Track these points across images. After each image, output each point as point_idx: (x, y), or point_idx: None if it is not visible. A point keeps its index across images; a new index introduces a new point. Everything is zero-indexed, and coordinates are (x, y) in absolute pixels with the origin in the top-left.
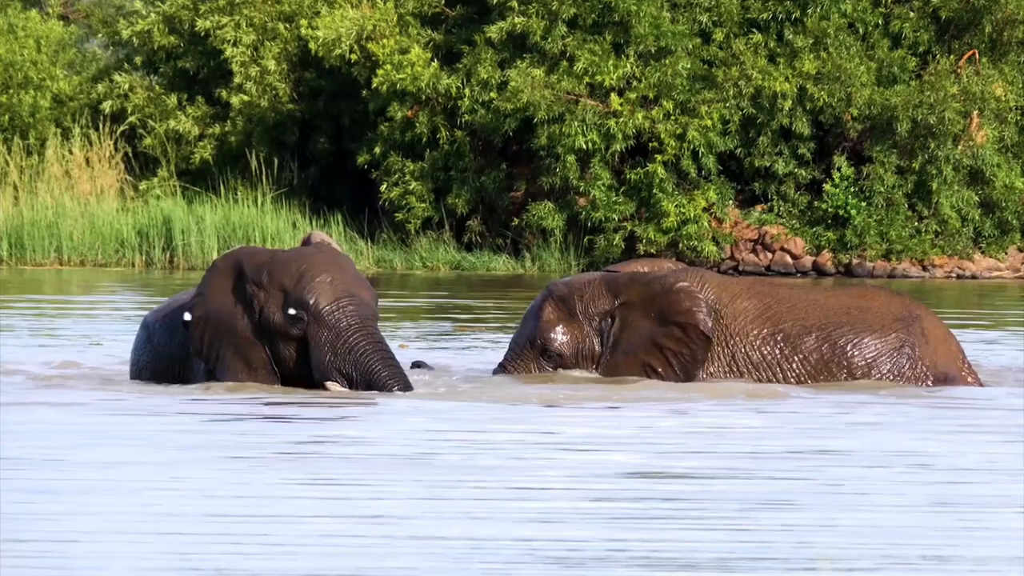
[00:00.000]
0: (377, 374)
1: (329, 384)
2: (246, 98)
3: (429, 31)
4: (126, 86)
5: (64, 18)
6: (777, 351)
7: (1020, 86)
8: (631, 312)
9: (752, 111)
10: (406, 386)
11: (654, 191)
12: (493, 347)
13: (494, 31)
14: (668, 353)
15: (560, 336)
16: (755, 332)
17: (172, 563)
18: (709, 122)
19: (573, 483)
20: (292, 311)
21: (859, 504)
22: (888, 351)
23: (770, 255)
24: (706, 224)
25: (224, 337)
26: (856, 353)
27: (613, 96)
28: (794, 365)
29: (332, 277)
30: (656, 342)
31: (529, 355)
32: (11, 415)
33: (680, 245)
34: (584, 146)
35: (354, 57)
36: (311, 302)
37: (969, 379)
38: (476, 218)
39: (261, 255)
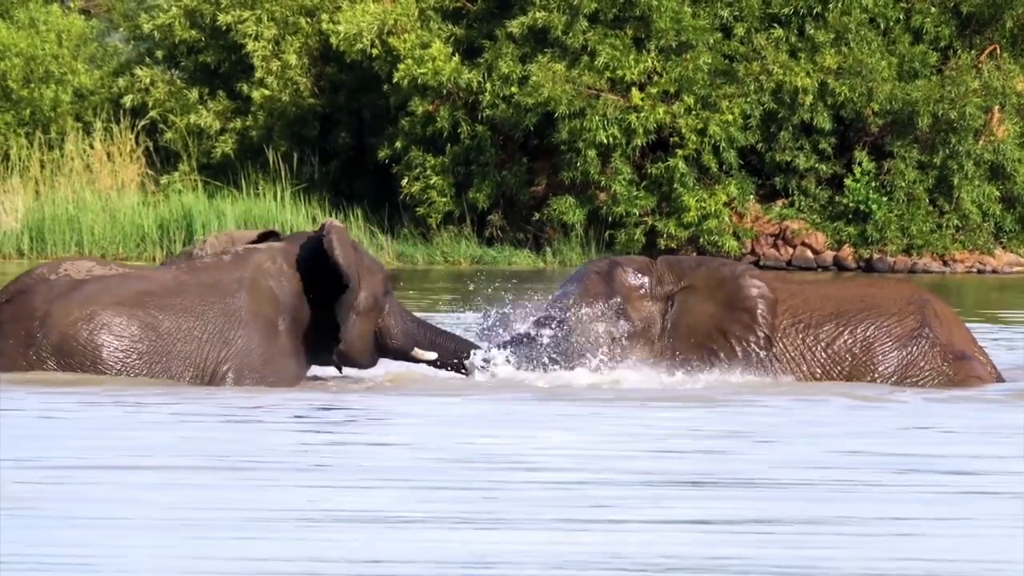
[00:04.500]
0: (455, 342)
1: (419, 352)
2: (267, 92)
3: (450, 25)
4: (147, 80)
5: (85, 12)
6: (799, 341)
7: None
8: (692, 296)
9: (773, 106)
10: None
11: (675, 186)
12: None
13: (515, 26)
14: (733, 339)
15: (643, 305)
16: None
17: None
18: (730, 117)
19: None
20: (385, 290)
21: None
22: (908, 333)
23: (791, 250)
24: (727, 219)
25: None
26: (877, 337)
27: (634, 91)
28: (817, 354)
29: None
30: (721, 328)
31: (608, 315)
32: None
33: (701, 240)
34: (605, 141)
35: (375, 51)
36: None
37: (982, 359)
38: (497, 212)
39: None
